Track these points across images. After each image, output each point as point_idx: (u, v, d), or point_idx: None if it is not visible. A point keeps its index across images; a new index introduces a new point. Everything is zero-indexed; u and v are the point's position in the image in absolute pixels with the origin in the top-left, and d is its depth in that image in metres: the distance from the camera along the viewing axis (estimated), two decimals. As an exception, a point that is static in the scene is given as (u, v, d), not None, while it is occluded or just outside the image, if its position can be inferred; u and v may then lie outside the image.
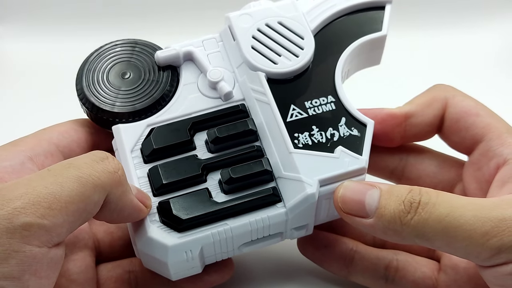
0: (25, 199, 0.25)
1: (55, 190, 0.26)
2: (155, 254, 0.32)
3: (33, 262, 0.25)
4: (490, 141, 0.36)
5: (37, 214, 0.25)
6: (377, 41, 0.39)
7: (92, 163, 0.29)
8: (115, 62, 0.38)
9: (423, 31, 0.60)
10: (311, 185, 0.33)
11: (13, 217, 0.25)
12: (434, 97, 0.38)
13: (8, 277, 0.24)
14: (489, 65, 0.58)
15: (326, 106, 0.36)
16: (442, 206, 0.30)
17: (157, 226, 0.33)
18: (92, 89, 0.37)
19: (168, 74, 0.38)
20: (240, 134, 0.35)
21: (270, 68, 0.37)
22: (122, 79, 0.38)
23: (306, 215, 0.34)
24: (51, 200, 0.26)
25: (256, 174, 0.34)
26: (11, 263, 0.24)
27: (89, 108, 0.37)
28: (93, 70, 0.38)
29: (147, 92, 0.37)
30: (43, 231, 0.25)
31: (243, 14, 0.39)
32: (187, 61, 0.39)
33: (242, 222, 0.33)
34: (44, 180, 0.27)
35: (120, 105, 0.37)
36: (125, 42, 0.39)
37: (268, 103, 0.36)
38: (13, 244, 0.24)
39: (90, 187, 0.27)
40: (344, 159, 0.34)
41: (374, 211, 0.32)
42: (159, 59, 0.38)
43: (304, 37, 0.38)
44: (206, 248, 0.33)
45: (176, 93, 0.38)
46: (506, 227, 0.29)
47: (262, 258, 0.42)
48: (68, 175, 0.27)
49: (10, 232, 0.24)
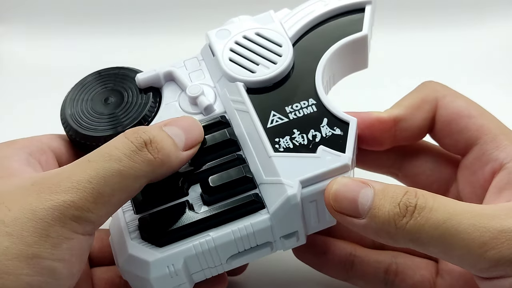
0: (73, 194, 0.27)
1: (99, 185, 0.28)
2: (137, 272, 0.32)
3: (80, 248, 0.28)
4: (484, 144, 0.34)
5: (84, 208, 0.27)
6: (359, 42, 0.38)
7: (131, 154, 0.29)
8: (97, 90, 0.39)
9: (415, 31, 0.59)
10: (292, 186, 0.32)
11: (64, 209, 0.27)
12: (424, 98, 0.37)
13: (61, 260, 0.27)
14: (482, 64, 0.56)
15: (307, 108, 0.35)
16: (439, 212, 0.29)
17: (138, 243, 0.32)
18: (75, 116, 0.37)
19: (149, 95, 0.38)
20: (220, 145, 0.34)
21: (248, 78, 0.36)
22: (105, 105, 0.38)
23: (292, 220, 0.32)
24: (96, 195, 0.28)
25: (236, 181, 0.33)
26: (63, 247, 0.27)
27: (72, 135, 0.37)
28: (75, 100, 0.38)
29: (129, 114, 0.37)
30: (89, 222, 0.28)
31: (221, 29, 0.39)
32: (168, 82, 0.39)
33: (224, 232, 0.32)
34: (86, 173, 0.28)
35: (102, 129, 0.37)
36: (106, 71, 0.40)
37: (247, 111, 0.35)
38: (65, 232, 0.27)
39: (132, 179, 0.29)
40: (326, 157, 0.33)
41: (367, 211, 0.30)
42: (140, 82, 0.38)
43: (282, 45, 0.38)
44: (190, 261, 0.32)
45: (158, 112, 0.37)
46: (505, 239, 0.28)
47: (257, 263, 0.41)
48: (109, 168, 0.28)
49: (62, 222, 0.27)
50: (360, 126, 0.35)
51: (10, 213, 0.27)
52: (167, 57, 0.39)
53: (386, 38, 0.43)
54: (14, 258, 0.26)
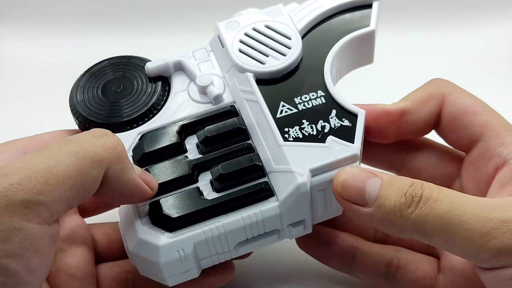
0: (21, 175, 0.25)
1: (51, 165, 0.25)
2: (147, 256, 0.32)
3: (35, 239, 0.25)
4: (488, 140, 0.35)
5: (34, 190, 0.24)
6: (366, 37, 0.39)
7: (90, 138, 0.28)
8: (106, 77, 0.39)
9: (421, 29, 0.60)
10: (302, 175, 0.32)
11: (11, 194, 0.24)
12: (431, 93, 0.37)
13: (12, 255, 0.24)
14: (487, 63, 0.57)
15: (316, 100, 0.36)
16: (444, 203, 0.29)
17: (148, 227, 0.32)
18: (85, 103, 0.38)
19: (158, 84, 0.38)
20: (230, 133, 0.35)
21: (258, 68, 0.37)
22: (114, 93, 0.38)
23: (300, 208, 0.33)
24: (47, 175, 0.25)
25: (246, 169, 0.33)
26: (14, 241, 0.24)
27: (81, 122, 0.37)
28: (85, 87, 0.38)
29: (138, 103, 0.37)
30: (41, 207, 0.25)
31: (231, 21, 0.40)
32: (178, 71, 0.39)
33: (234, 218, 0.32)
34: (40, 156, 0.26)
35: (112, 116, 0.37)
36: (116, 59, 0.40)
37: (257, 101, 0.35)
38: (14, 222, 0.24)
39: (87, 162, 0.27)
40: (335, 147, 0.33)
41: (374, 200, 0.31)
42: (149, 70, 0.38)
43: (291, 37, 0.38)
44: (199, 247, 0.32)
45: (167, 101, 0.38)
46: (507, 229, 0.28)
47: (261, 255, 0.41)
48: (64, 150, 0.27)
49: (10, 210, 0.24)
50: (367, 118, 0.36)
51: None
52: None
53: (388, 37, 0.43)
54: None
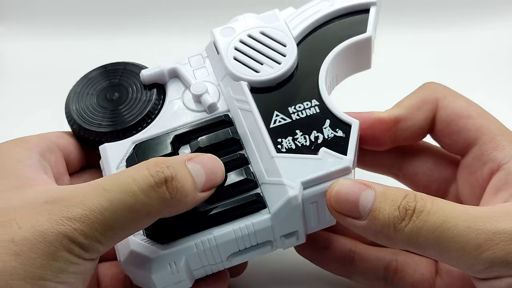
0: (84, 222, 0.27)
1: (110, 220, 0.28)
2: (139, 267, 0.32)
3: (84, 271, 0.29)
4: (483, 144, 0.35)
5: (93, 239, 0.28)
6: (363, 43, 0.39)
7: (148, 190, 0.29)
8: (102, 85, 0.39)
9: (418, 31, 0.59)
10: (293, 188, 0.32)
11: (74, 237, 0.27)
12: (424, 99, 0.37)
13: (65, 282, 0.27)
14: (486, 64, 0.56)
15: (310, 109, 0.35)
16: (436, 215, 0.29)
17: (140, 239, 0.32)
18: (80, 111, 0.38)
19: (153, 92, 0.38)
20: (223, 143, 0.35)
21: (252, 77, 0.37)
22: (109, 100, 0.38)
23: (292, 220, 0.33)
24: (105, 228, 0.28)
25: (238, 183, 0.33)
26: (69, 271, 0.27)
27: (76, 129, 0.37)
28: (80, 94, 0.39)
29: (133, 111, 0.37)
30: (95, 251, 0.28)
31: (226, 27, 0.39)
32: (173, 78, 0.39)
33: (226, 231, 0.32)
34: (99, 203, 0.28)
35: (106, 124, 0.37)
36: (111, 66, 0.40)
37: (251, 111, 0.35)
38: (72, 258, 0.27)
39: (143, 216, 0.29)
40: (328, 159, 0.33)
41: (367, 213, 0.30)
42: (144, 78, 0.38)
43: (286, 44, 0.38)
44: (191, 259, 0.32)
45: (162, 109, 0.38)
46: (499, 240, 0.28)
47: (259, 259, 0.42)
48: (123, 203, 0.28)
49: (71, 248, 0.27)
50: (361, 126, 0.36)
51: (20, 232, 0.26)
52: (168, 57, 0.39)
53: (386, 39, 0.43)
54: (20, 279, 0.26)
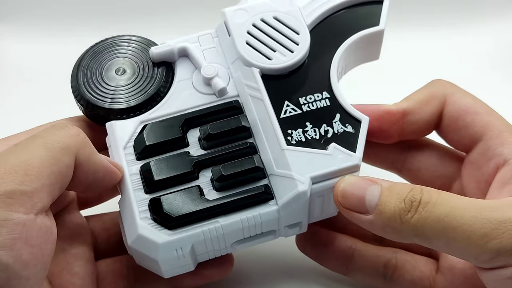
0: (0, 170, 0.26)
1: (25, 158, 0.28)
2: (146, 252, 0.32)
3: (23, 229, 0.26)
4: (489, 140, 0.35)
5: (15, 181, 0.26)
6: (375, 36, 0.39)
7: (53, 130, 0.30)
8: (109, 59, 0.38)
9: (424, 28, 0.59)
10: (303, 183, 0.32)
11: None
12: (432, 94, 0.37)
13: (1, 247, 0.24)
14: (487, 65, 0.57)
15: (321, 102, 0.36)
16: (443, 206, 0.30)
17: (148, 223, 0.33)
18: (87, 86, 0.37)
19: (162, 70, 0.38)
20: (233, 131, 0.35)
21: (264, 64, 0.36)
22: (117, 76, 0.37)
23: (298, 213, 0.34)
24: (25, 167, 0.27)
25: (247, 171, 0.33)
26: (2, 232, 0.25)
27: (83, 105, 0.37)
28: (88, 67, 0.38)
29: (141, 89, 0.37)
30: (25, 196, 0.26)
31: (239, 9, 0.39)
32: (182, 57, 0.38)
33: (233, 220, 0.33)
34: (13, 153, 0.28)
35: (114, 101, 0.36)
36: (119, 38, 0.39)
37: (262, 99, 0.35)
38: (0, 213, 0.25)
39: (57, 150, 0.29)
40: (337, 156, 0.33)
41: (374, 207, 0.31)
42: (154, 55, 0.38)
43: (300, 32, 0.38)
44: (197, 245, 0.33)
45: (171, 89, 0.37)
46: (506, 229, 0.29)
47: (261, 255, 0.42)
48: (34, 144, 0.29)
49: None
50: (369, 118, 0.36)
51: None
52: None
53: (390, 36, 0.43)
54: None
